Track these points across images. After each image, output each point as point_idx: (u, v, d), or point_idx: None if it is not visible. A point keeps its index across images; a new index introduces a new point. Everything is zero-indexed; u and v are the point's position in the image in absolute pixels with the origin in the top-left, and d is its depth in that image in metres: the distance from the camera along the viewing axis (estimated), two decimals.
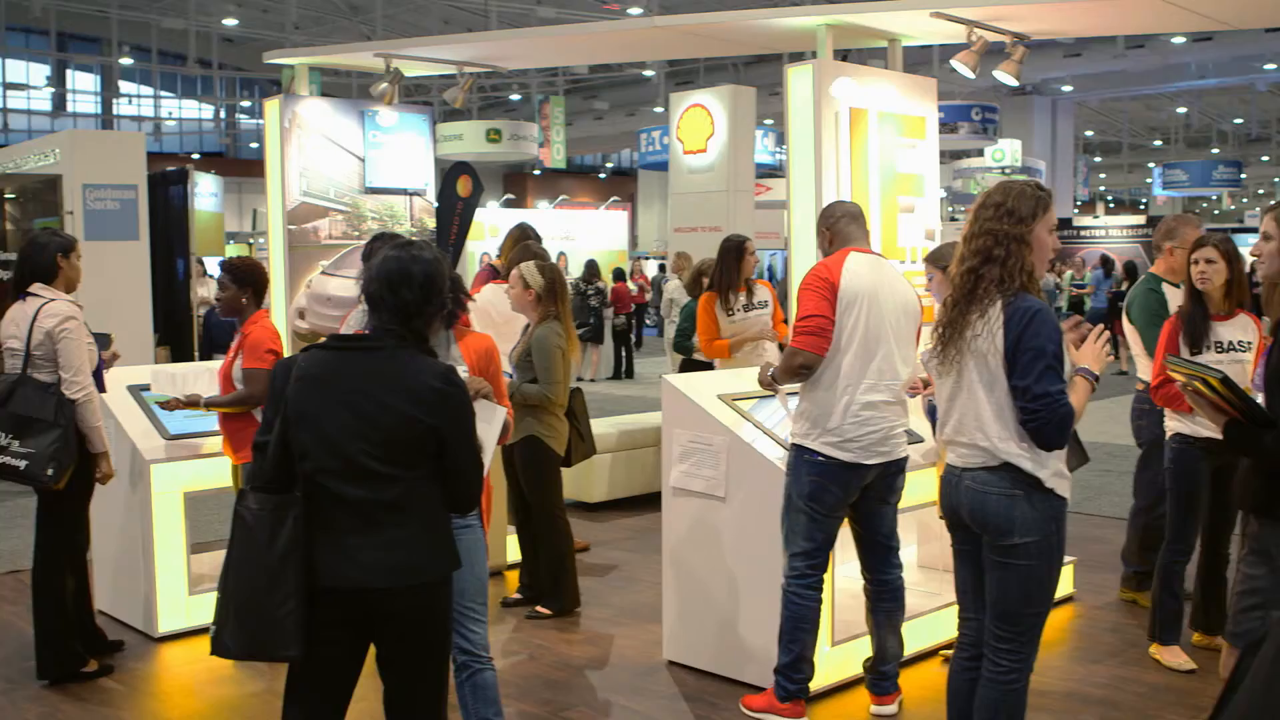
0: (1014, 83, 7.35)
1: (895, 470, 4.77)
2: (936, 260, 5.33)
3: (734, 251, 7.31)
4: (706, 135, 13.56)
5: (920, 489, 5.38)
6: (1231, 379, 3.40)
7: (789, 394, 4.91)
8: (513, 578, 6.94)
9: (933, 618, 5.63)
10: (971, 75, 7.08)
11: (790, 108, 6.34)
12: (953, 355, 3.70)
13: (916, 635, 5.49)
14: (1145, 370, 6.00)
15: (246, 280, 5.47)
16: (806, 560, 4.71)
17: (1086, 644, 5.90)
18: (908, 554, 6.35)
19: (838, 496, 4.66)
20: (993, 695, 3.80)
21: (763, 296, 7.44)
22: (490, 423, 3.92)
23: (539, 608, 6.34)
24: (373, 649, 3.33)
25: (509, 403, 4.38)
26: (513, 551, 7.05)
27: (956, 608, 4.02)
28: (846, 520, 4.85)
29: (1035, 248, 3.65)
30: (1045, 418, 3.53)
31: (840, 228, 4.82)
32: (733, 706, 5.01)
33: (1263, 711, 1.85)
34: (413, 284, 3.29)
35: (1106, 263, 20.49)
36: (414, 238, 4.17)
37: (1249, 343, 5.25)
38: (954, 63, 7.05)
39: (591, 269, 18.16)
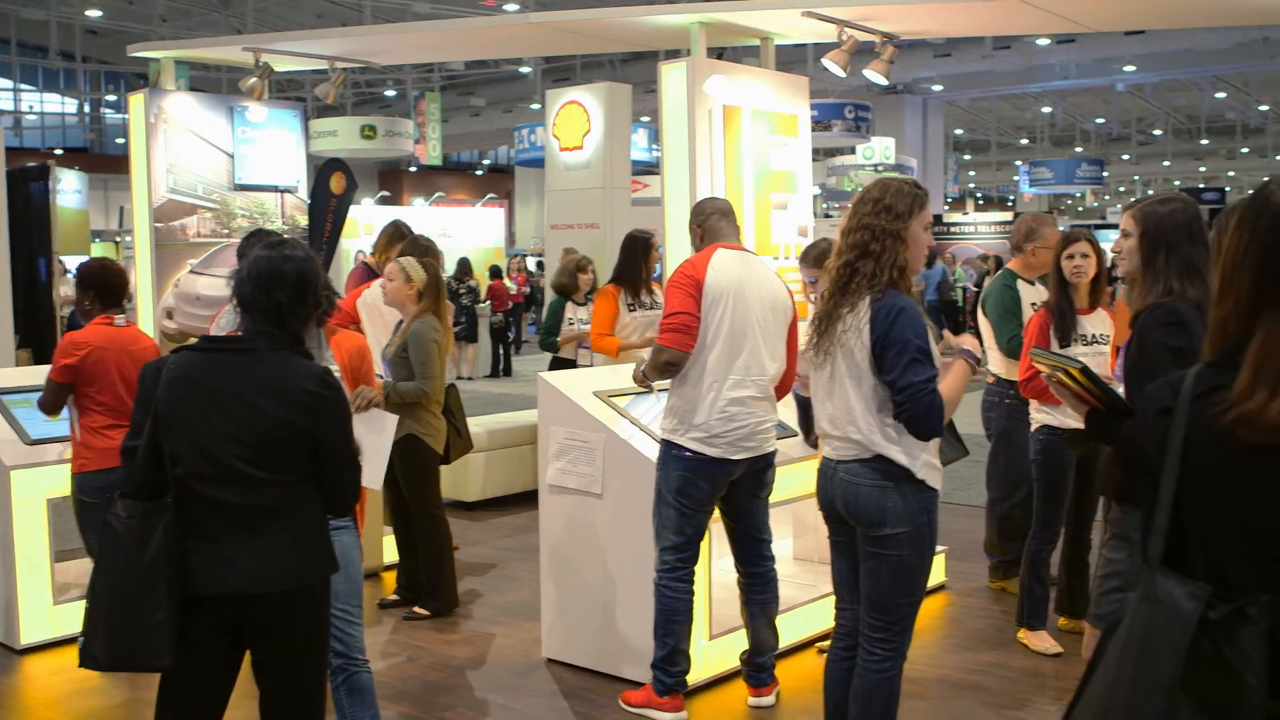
0: (884, 81, 7.48)
1: (764, 465, 4.80)
2: (814, 260, 5.38)
3: (640, 245, 7.28)
4: (583, 132, 13.52)
5: (796, 482, 5.44)
6: (1091, 369, 3.50)
7: (660, 390, 4.93)
8: (390, 578, 6.85)
9: (809, 609, 5.70)
10: (843, 74, 7.19)
11: (664, 105, 6.38)
12: (825, 349, 3.76)
13: (794, 626, 5.56)
14: (996, 364, 6.18)
15: (89, 283, 5.31)
16: (676, 554, 4.73)
17: (958, 631, 6.03)
18: (784, 546, 6.44)
19: (705, 491, 4.68)
20: (867, 684, 3.86)
21: (661, 299, 7.36)
22: (381, 432, 3.86)
23: (417, 608, 6.27)
24: (248, 654, 3.27)
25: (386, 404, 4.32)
26: (389, 552, 6.96)
27: (833, 599, 4.08)
28: (719, 513, 4.89)
29: (910, 244, 3.72)
30: (911, 408, 3.60)
31: (711, 225, 4.85)
32: (612, 703, 5.02)
33: (1117, 688, 1.91)
34: (285, 284, 3.23)
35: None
36: (286, 236, 4.10)
37: (1108, 335, 5.44)
38: (825, 61, 7.15)
39: (464, 267, 18.03)
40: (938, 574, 6.65)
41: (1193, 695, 1.82)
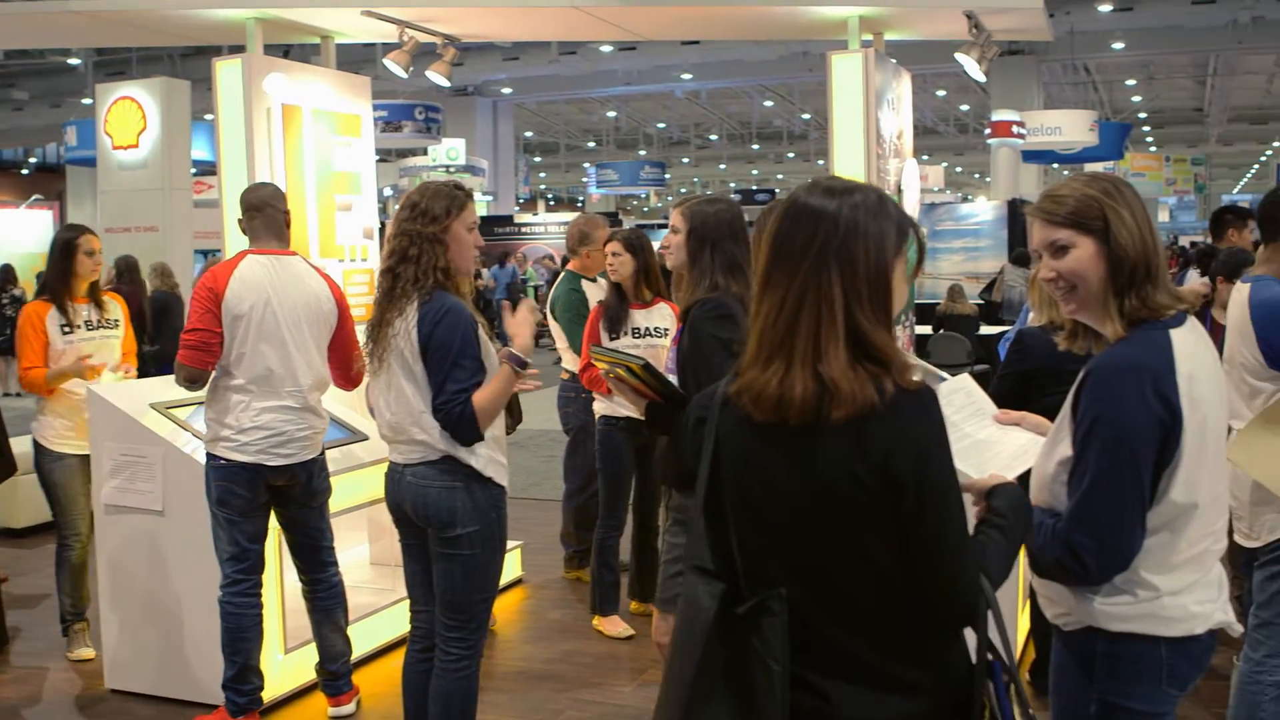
0: (446, 82, 7.52)
1: (309, 473, 4.70)
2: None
3: (62, 249, 5.55)
4: (138, 130, 12.80)
5: (369, 486, 5.38)
6: (652, 364, 3.66)
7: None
8: None
9: (387, 614, 5.66)
10: (404, 74, 7.18)
11: (220, 103, 6.13)
12: (380, 355, 3.76)
13: (373, 632, 5.51)
14: (571, 362, 6.37)
15: None
16: (235, 565, 4.59)
17: (536, 623, 6.16)
18: (360, 552, 6.36)
19: (245, 499, 4.55)
20: (446, 684, 3.89)
21: (115, 314, 5.81)
22: None
23: None
24: None
25: None
26: None
27: (408, 602, 4.07)
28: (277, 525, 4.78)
29: (453, 245, 3.76)
30: (443, 419, 3.68)
31: (253, 226, 4.67)
32: None
33: (666, 680, 2.04)
34: None
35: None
36: None
37: (666, 329, 5.69)
38: (387, 61, 7.11)
39: (7, 274, 16.67)
40: (514, 569, 6.77)
41: (727, 685, 1.96)
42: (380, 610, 5.64)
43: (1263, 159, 46.45)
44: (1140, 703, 2.39)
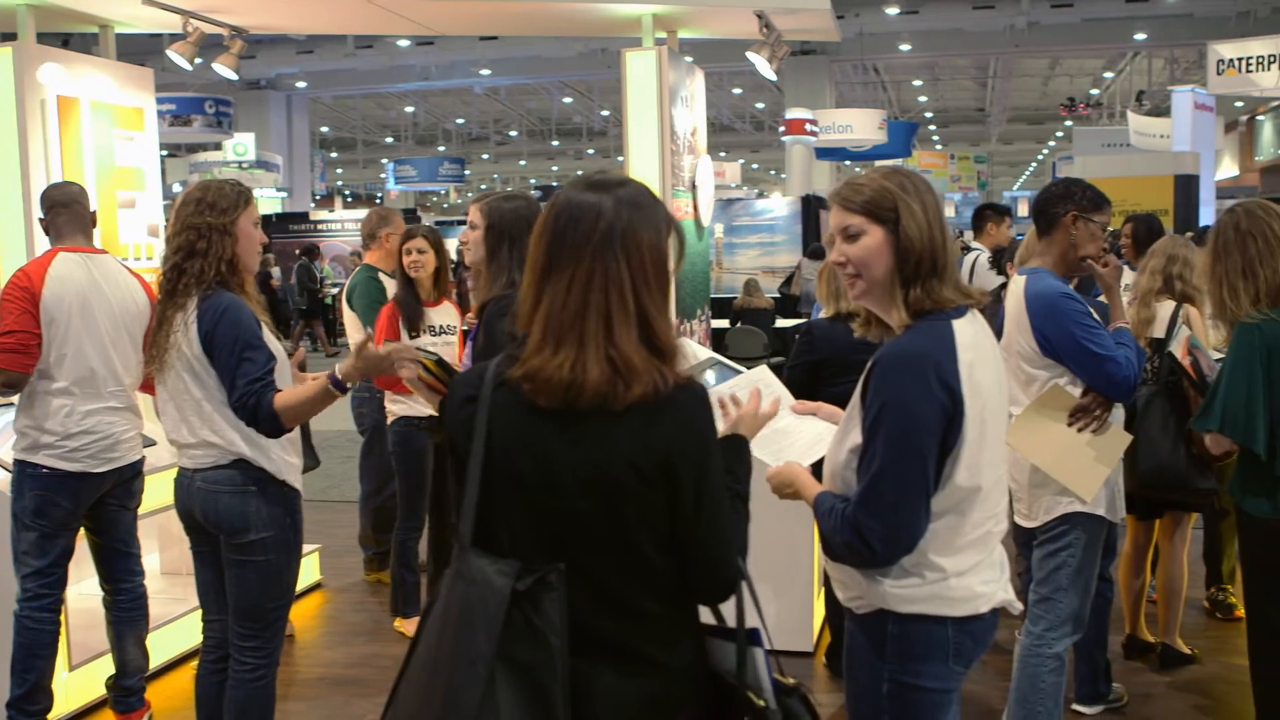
0: (233, 76, 7.31)
1: (130, 475, 4.60)
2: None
3: None
4: None
5: (160, 493, 5.18)
6: (446, 360, 3.63)
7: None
8: None
9: (180, 624, 5.48)
10: (188, 66, 6.94)
11: None
12: (163, 356, 3.63)
13: (164, 644, 5.34)
14: None
15: None
16: (40, 580, 4.40)
17: (336, 628, 6.05)
18: (151, 561, 6.12)
19: (67, 509, 4.39)
20: (241, 694, 3.78)
21: None
22: None
23: None
24: None
25: None
26: None
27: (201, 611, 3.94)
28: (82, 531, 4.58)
29: (241, 239, 3.67)
30: (244, 409, 3.52)
31: (58, 224, 4.52)
32: None
33: (439, 664, 2.03)
34: None
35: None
36: None
37: (454, 326, 5.69)
38: (170, 53, 6.87)
39: None
40: (313, 573, 6.63)
41: (506, 662, 1.96)
42: (173, 621, 5.46)
43: (1040, 157, 48.76)
44: (929, 680, 2.48)
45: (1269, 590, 3.76)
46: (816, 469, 2.66)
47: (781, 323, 14.17)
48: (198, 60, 7.05)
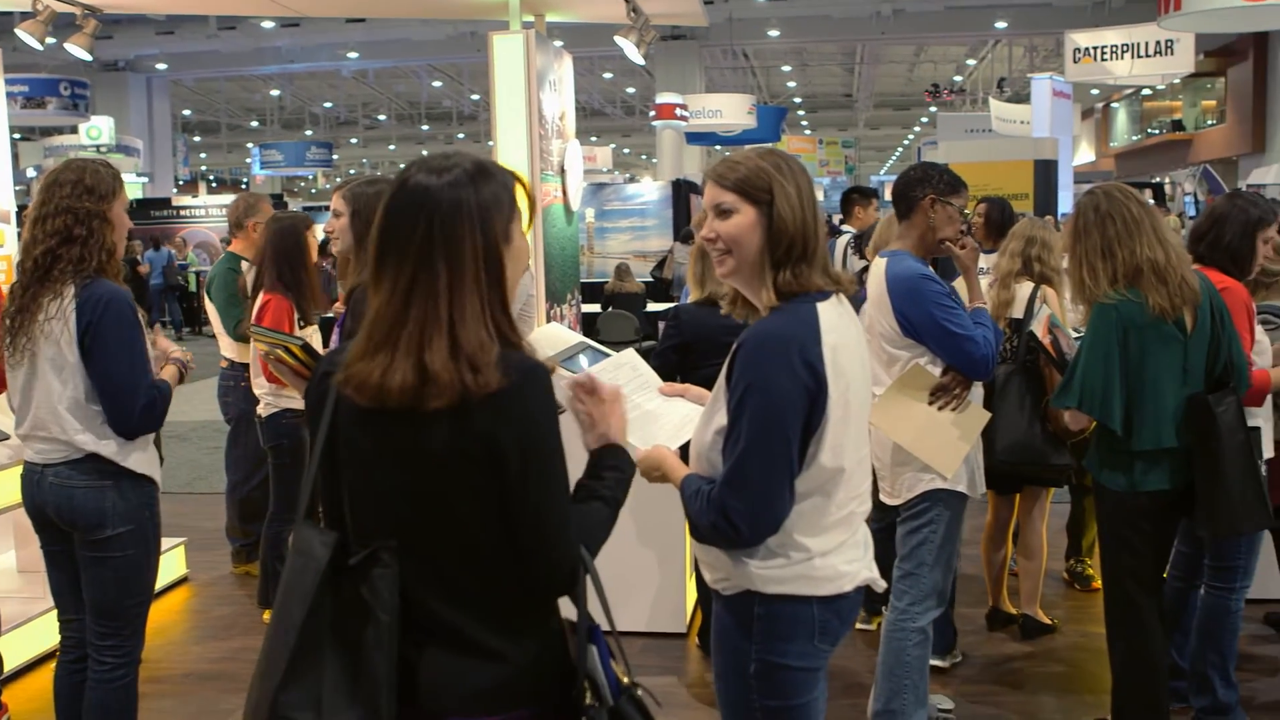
0: (87, 56, 7.10)
1: None
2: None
3: None
4: None
5: (12, 489, 5.01)
6: (312, 345, 3.58)
7: None
8: None
9: (37, 624, 5.30)
10: (39, 45, 6.71)
11: None
12: (24, 344, 3.50)
13: (22, 645, 5.16)
14: (228, 348, 6.15)
15: None
16: None
17: (203, 622, 5.92)
18: (6, 559, 5.95)
19: None
20: (102, 695, 3.68)
21: None
22: None
23: None
24: None
25: None
26: None
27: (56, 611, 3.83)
28: None
29: (116, 225, 3.56)
30: (147, 408, 3.50)
31: None
32: None
33: (269, 632, 2.04)
34: None
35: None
36: None
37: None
38: (19, 31, 6.63)
39: None
40: (178, 567, 6.48)
41: (338, 636, 1.95)
42: (30, 621, 5.28)
43: (905, 142, 49.71)
44: (795, 659, 2.51)
45: (1123, 561, 3.89)
46: (685, 451, 2.67)
47: (653, 306, 14.22)
48: (51, 40, 6.81)
